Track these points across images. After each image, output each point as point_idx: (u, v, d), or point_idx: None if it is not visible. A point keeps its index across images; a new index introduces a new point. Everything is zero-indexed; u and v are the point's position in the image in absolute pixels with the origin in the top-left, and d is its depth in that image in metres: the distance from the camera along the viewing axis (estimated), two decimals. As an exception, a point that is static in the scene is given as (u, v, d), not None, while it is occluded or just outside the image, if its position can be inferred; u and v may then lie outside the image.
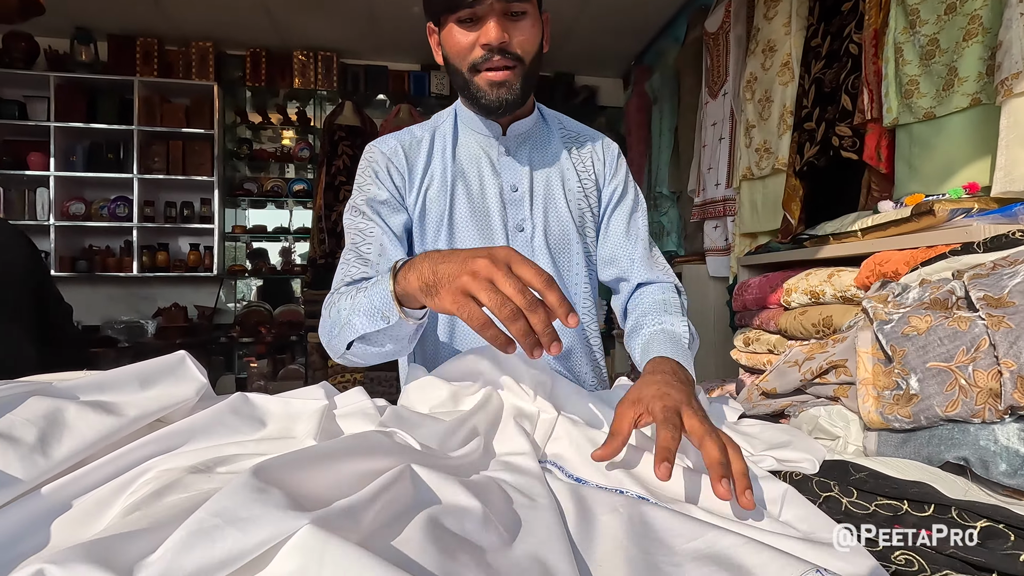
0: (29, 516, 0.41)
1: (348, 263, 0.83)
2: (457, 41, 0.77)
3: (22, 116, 3.51)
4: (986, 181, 1.39)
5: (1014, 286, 0.61)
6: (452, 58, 0.80)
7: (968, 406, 0.57)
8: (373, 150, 0.89)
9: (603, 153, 0.98)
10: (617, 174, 0.97)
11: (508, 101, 0.79)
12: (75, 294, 3.64)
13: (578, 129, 0.99)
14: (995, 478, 0.55)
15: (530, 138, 0.92)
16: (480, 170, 0.90)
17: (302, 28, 3.62)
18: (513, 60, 0.77)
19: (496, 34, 0.74)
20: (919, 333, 0.63)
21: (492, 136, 0.89)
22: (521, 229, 0.91)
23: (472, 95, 0.81)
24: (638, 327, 0.86)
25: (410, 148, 0.90)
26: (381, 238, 0.84)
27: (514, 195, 0.90)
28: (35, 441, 0.44)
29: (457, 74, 0.81)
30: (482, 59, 0.77)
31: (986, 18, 1.37)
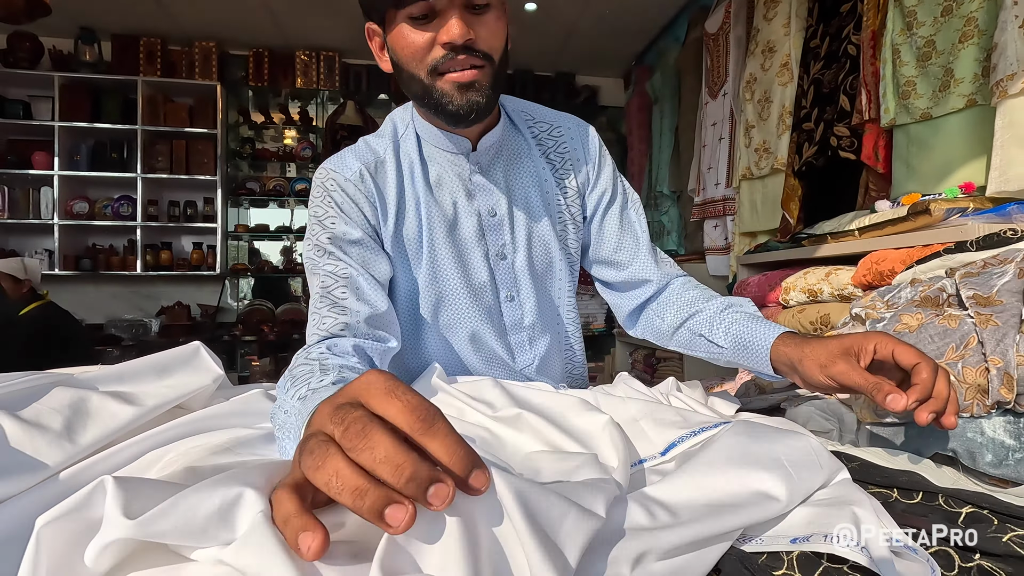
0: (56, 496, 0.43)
1: (320, 313, 0.70)
2: (411, 42, 0.66)
3: (27, 116, 3.54)
4: (982, 181, 1.41)
5: (1002, 285, 0.63)
6: (405, 62, 0.68)
7: (958, 401, 0.60)
8: (333, 177, 0.75)
9: (581, 146, 0.87)
10: (602, 171, 0.87)
11: (479, 105, 0.68)
12: (78, 293, 3.67)
13: (549, 118, 0.87)
14: (982, 468, 0.57)
15: (503, 150, 0.81)
16: (454, 196, 0.79)
17: (304, 28, 3.65)
18: (481, 59, 0.66)
19: (460, 30, 0.63)
20: (911, 331, 0.65)
21: (461, 153, 0.77)
22: (503, 257, 0.82)
23: (435, 103, 0.68)
24: (701, 313, 0.78)
25: (376, 171, 0.77)
26: (356, 280, 0.72)
27: (492, 220, 0.80)
28: (61, 428, 0.47)
29: (413, 80, 0.69)
30: (444, 59, 0.65)
31: (982, 20, 1.39)
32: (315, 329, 0.69)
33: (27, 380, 0.55)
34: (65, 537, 0.28)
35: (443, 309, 0.81)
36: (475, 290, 0.81)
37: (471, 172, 0.78)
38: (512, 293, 0.83)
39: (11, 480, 0.43)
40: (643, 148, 3.71)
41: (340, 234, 0.73)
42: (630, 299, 0.89)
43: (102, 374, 0.56)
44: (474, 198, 0.79)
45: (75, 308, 2.86)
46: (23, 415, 0.47)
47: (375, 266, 0.74)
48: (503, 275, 0.83)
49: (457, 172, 0.78)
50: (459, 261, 0.80)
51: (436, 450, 0.29)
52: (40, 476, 0.45)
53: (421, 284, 0.80)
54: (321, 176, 0.76)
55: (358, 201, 0.74)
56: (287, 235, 4.24)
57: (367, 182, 0.75)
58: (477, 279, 0.81)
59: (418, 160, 0.78)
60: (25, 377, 0.56)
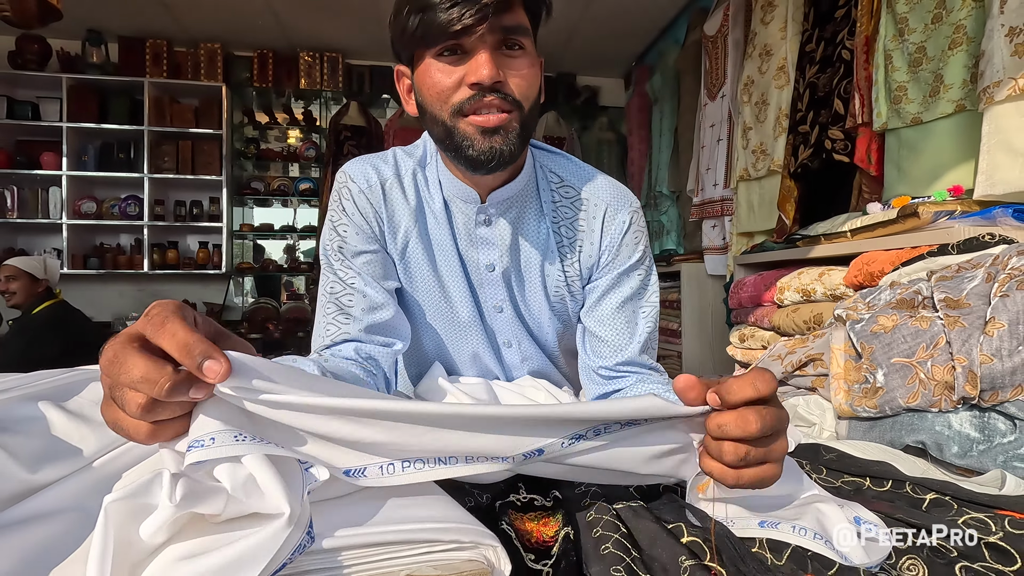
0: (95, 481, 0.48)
1: (328, 317, 0.72)
2: (437, 80, 0.62)
3: (35, 117, 3.59)
4: (970, 184, 1.45)
5: (971, 288, 0.68)
6: (430, 102, 0.64)
7: (927, 397, 0.64)
8: (348, 185, 0.74)
9: (599, 228, 0.77)
10: (617, 257, 0.78)
11: (502, 154, 0.63)
12: (86, 291, 3.73)
13: (579, 185, 0.78)
14: (948, 459, 0.61)
15: (514, 206, 0.75)
16: (459, 241, 0.77)
17: (308, 29, 3.69)
18: (510, 103, 0.62)
19: (490, 70, 0.59)
20: (885, 331, 0.70)
21: (469, 202, 0.73)
22: (500, 310, 0.80)
23: (455, 145, 0.64)
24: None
25: (392, 189, 0.75)
26: (364, 290, 0.72)
27: (489, 275, 0.77)
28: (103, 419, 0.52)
29: (435, 123, 0.65)
30: (470, 100, 0.61)
31: (970, 28, 1.43)
32: (321, 333, 0.72)
33: (66, 376, 0.59)
34: (125, 514, 0.33)
35: (444, 336, 0.83)
36: (474, 330, 0.81)
37: (476, 224, 0.74)
38: (509, 340, 0.83)
39: (57, 465, 0.48)
40: (643, 148, 3.75)
41: (350, 243, 0.73)
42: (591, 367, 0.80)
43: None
44: (476, 248, 0.76)
45: (83, 306, 2.91)
46: (67, 407, 0.51)
47: (383, 276, 0.74)
48: (500, 325, 0.81)
49: (464, 219, 0.75)
50: (456, 303, 0.79)
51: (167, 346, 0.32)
52: (81, 463, 0.50)
53: (422, 308, 0.81)
54: (340, 180, 0.75)
55: (367, 214, 0.73)
56: (291, 234, 4.29)
57: (379, 197, 0.74)
58: (476, 323, 0.81)
59: (438, 192, 0.75)
60: (65, 373, 0.60)
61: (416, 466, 0.38)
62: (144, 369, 0.32)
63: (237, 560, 0.28)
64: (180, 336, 0.32)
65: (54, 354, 2.49)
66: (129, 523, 0.32)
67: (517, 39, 0.62)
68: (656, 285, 0.80)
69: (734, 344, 1.95)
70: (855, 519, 0.44)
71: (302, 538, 0.30)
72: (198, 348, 0.32)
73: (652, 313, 0.78)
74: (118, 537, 0.31)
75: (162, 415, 0.34)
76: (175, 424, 0.35)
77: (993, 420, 0.61)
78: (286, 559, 0.29)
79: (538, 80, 0.66)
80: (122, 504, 0.32)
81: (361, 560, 0.32)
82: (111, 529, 0.31)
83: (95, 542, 0.30)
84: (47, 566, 0.36)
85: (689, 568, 0.40)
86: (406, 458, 0.38)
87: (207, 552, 0.29)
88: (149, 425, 0.34)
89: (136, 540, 0.32)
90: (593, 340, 0.78)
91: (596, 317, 0.78)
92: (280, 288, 4.41)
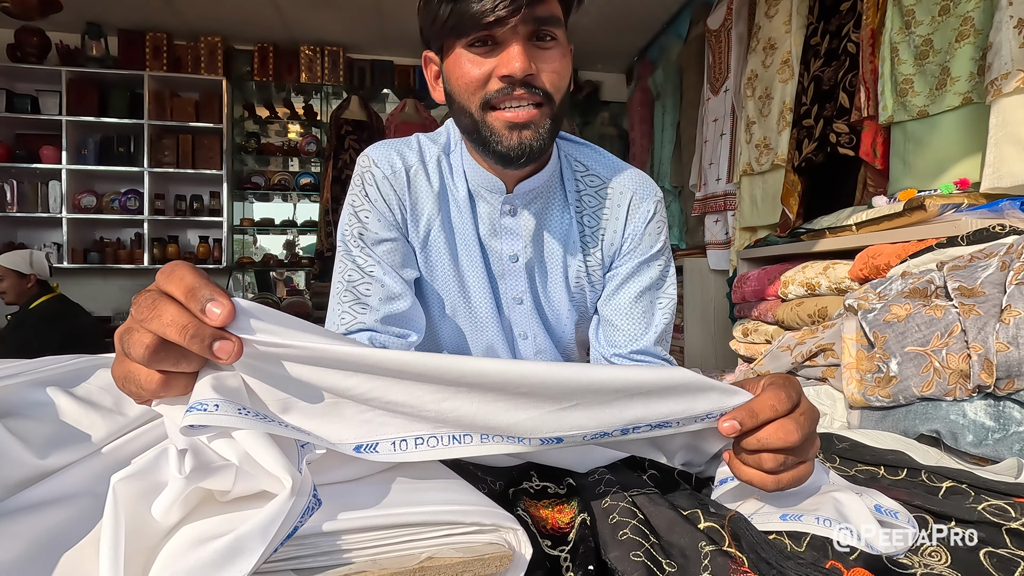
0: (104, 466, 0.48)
1: (344, 306, 0.70)
2: (467, 72, 0.61)
3: (35, 110, 3.57)
4: (976, 177, 1.44)
5: (986, 277, 0.67)
6: (458, 93, 0.63)
7: (941, 386, 0.64)
8: (372, 171, 0.73)
9: (624, 215, 0.77)
10: (639, 246, 0.78)
11: (532, 148, 0.62)
12: (87, 285, 3.72)
13: (604, 173, 0.78)
14: (963, 448, 0.61)
15: (539, 196, 0.74)
16: (481, 230, 0.76)
17: (309, 23, 3.67)
18: (541, 96, 0.61)
19: (522, 63, 0.58)
20: (899, 320, 0.69)
21: (494, 192, 0.73)
22: (520, 302, 0.79)
23: (483, 140, 0.63)
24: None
25: (416, 176, 0.74)
26: (382, 279, 0.71)
27: (513, 266, 0.77)
28: (112, 404, 0.51)
29: (463, 113, 0.64)
30: (499, 92, 0.60)
31: (978, 20, 1.42)
32: (335, 321, 0.71)
33: (72, 363, 0.59)
34: (135, 492, 0.32)
35: (461, 326, 0.82)
36: (491, 321, 0.81)
37: (501, 214, 0.74)
38: (526, 332, 0.83)
39: (66, 451, 0.47)
40: (645, 143, 3.74)
41: (372, 230, 0.72)
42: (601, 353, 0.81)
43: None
44: (499, 239, 0.76)
45: (83, 301, 2.90)
46: (76, 393, 0.51)
47: (402, 265, 0.73)
48: (518, 316, 0.81)
49: (488, 209, 0.74)
50: (474, 293, 0.78)
51: (174, 290, 0.32)
52: (90, 448, 0.49)
53: (441, 298, 0.80)
54: (364, 165, 0.73)
55: (390, 201, 0.72)
56: (291, 229, 4.28)
57: (403, 184, 0.73)
58: (493, 315, 0.80)
59: (463, 181, 0.74)
60: (73, 359, 0.60)
61: (430, 443, 0.37)
62: (174, 313, 0.31)
63: (248, 535, 0.27)
64: (188, 280, 0.32)
65: (52, 349, 2.47)
66: (139, 503, 0.31)
67: (550, 30, 0.61)
68: (674, 277, 0.80)
69: (737, 338, 1.95)
70: (876, 507, 0.44)
71: (308, 501, 0.30)
72: (204, 291, 0.31)
73: (669, 305, 0.78)
74: (130, 519, 0.30)
75: (169, 363, 0.32)
76: (186, 379, 0.34)
77: (1009, 409, 0.60)
78: (296, 523, 0.29)
79: (569, 70, 0.64)
80: (130, 482, 0.31)
81: (382, 541, 0.31)
82: (121, 509, 0.30)
83: (105, 524, 0.29)
84: (58, 551, 0.36)
85: (710, 553, 0.40)
86: (419, 434, 0.37)
87: (218, 532, 0.29)
88: (160, 376, 0.33)
89: (149, 521, 0.32)
90: (609, 328, 0.78)
91: (613, 305, 0.77)
92: (279, 283, 4.40)
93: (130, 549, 0.29)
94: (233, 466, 0.32)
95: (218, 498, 0.34)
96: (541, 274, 0.78)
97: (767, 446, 0.40)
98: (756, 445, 0.41)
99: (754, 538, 0.42)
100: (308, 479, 0.32)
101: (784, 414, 0.41)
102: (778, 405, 0.41)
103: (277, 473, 0.31)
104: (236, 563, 0.26)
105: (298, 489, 0.30)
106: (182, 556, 0.28)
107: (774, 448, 0.40)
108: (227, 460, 0.32)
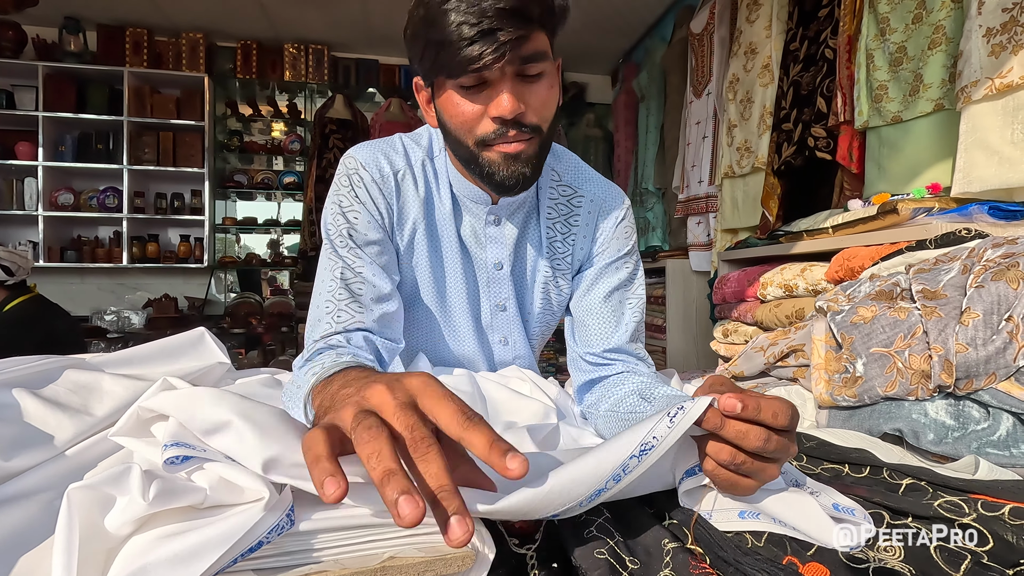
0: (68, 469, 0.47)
1: (340, 304, 0.70)
2: (460, 111, 0.64)
3: (10, 105, 3.50)
4: (948, 182, 1.48)
5: (948, 280, 0.69)
6: (454, 128, 0.66)
7: (904, 386, 0.65)
8: (360, 173, 0.73)
9: (594, 222, 0.81)
10: (607, 250, 0.81)
11: (524, 176, 0.66)
12: (64, 285, 3.65)
13: (576, 183, 0.81)
14: (924, 446, 0.62)
15: (523, 206, 0.78)
16: (467, 239, 0.79)
17: (293, 21, 3.64)
18: (529, 132, 0.64)
19: (511, 105, 0.61)
20: (865, 322, 0.71)
21: (479, 203, 0.76)
22: (503, 309, 0.82)
23: (480, 170, 0.66)
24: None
25: (403, 180, 0.75)
26: (373, 280, 0.71)
27: (497, 274, 0.80)
28: (79, 405, 0.51)
29: (460, 145, 0.67)
30: (495, 134, 0.63)
31: (949, 28, 1.46)
32: (330, 319, 0.69)
33: (40, 364, 0.58)
34: (90, 503, 0.32)
35: (440, 331, 0.82)
36: (471, 327, 0.82)
37: (486, 223, 0.77)
38: (506, 337, 0.85)
39: (32, 452, 0.47)
40: (629, 145, 3.77)
41: (361, 231, 0.72)
42: (584, 376, 0.81)
43: (111, 358, 0.60)
44: (483, 247, 0.78)
45: (60, 300, 2.82)
46: (42, 394, 0.50)
47: (390, 266, 0.75)
48: (500, 323, 0.83)
49: (472, 219, 0.77)
50: (455, 299, 0.80)
51: (475, 441, 0.32)
52: (56, 450, 0.49)
53: (421, 302, 0.81)
54: (350, 166, 0.74)
55: (379, 204, 0.73)
56: (274, 228, 4.24)
57: (392, 189, 0.74)
58: (474, 321, 0.81)
59: (448, 189, 0.76)
60: (38, 361, 0.59)
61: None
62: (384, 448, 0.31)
63: (207, 541, 0.27)
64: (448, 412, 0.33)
65: (26, 353, 2.39)
66: (95, 512, 0.31)
67: (536, 66, 0.62)
68: (642, 279, 0.82)
69: (717, 339, 1.97)
70: (834, 505, 0.45)
71: (280, 519, 0.30)
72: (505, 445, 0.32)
73: (639, 304, 0.81)
74: (85, 526, 0.30)
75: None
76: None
77: (968, 408, 0.62)
78: (262, 537, 0.29)
79: (556, 95, 0.67)
80: (86, 493, 0.31)
81: (345, 541, 0.32)
82: (75, 517, 0.30)
83: (59, 531, 0.29)
84: (18, 552, 0.35)
85: (672, 550, 0.41)
86: None
87: (185, 532, 0.29)
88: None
89: (104, 529, 0.32)
90: (581, 328, 0.80)
91: (585, 306, 0.80)
92: (262, 283, 4.36)
93: (88, 551, 0.29)
94: (202, 491, 0.32)
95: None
96: (521, 280, 0.81)
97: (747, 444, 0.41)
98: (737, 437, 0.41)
99: (712, 537, 0.43)
100: (287, 499, 0.32)
101: (781, 429, 0.42)
102: (781, 417, 0.41)
103: (254, 485, 0.31)
104: (191, 565, 0.26)
105: (272, 505, 0.30)
106: (142, 553, 0.28)
107: (754, 449, 0.41)
108: (197, 485, 0.32)
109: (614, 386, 0.73)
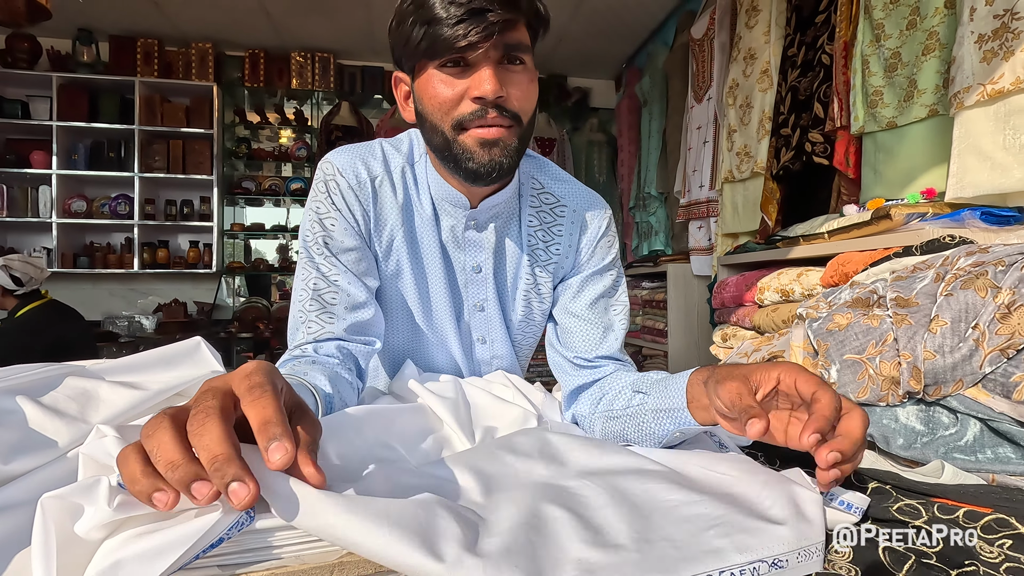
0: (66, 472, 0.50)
1: (310, 315, 0.71)
2: (439, 92, 0.63)
3: (25, 115, 3.59)
4: (942, 187, 1.48)
5: (921, 288, 0.70)
6: (430, 112, 0.65)
7: (875, 392, 0.67)
8: (336, 180, 0.73)
9: (578, 232, 0.82)
10: (591, 259, 0.82)
11: (501, 166, 0.65)
12: (76, 290, 3.73)
13: (559, 192, 0.82)
14: (894, 451, 0.64)
15: (501, 212, 0.78)
16: (446, 243, 0.79)
17: (300, 30, 3.70)
18: (509, 119, 0.64)
19: (493, 85, 0.60)
20: (840, 329, 0.72)
21: (459, 207, 0.75)
22: (482, 309, 0.83)
23: (455, 157, 0.65)
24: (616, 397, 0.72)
25: (381, 186, 0.75)
26: (347, 288, 0.72)
27: (476, 276, 0.80)
28: (77, 412, 0.53)
29: (435, 132, 0.66)
30: (472, 115, 0.62)
31: (943, 34, 1.47)
32: (302, 329, 0.72)
33: (42, 371, 0.61)
34: (61, 511, 0.34)
35: (419, 332, 0.84)
36: (451, 327, 0.83)
37: (465, 227, 0.77)
38: (484, 337, 0.86)
39: (30, 457, 0.50)
40: (632, 150, 3.78)
41: (337, 238, 0.72)
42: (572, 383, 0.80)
43: (110, 366, 0.63)
44: (463, 251, 0.79)
45: (73, 305, 2.89)
46: (43, 401, 0.53)
47: (366, 274, 0.75)
48: (478, 323, 0.84)
49: (452, 223, 0.77)
50: (436, 301, 0.81)
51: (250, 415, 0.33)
52: (53, 454, 0.52)
53: (402, 305, 0.82)
54: (327, 172, 0.73)
55: (355, 211, 0.73)
56: (282, 234, 4.30)
57: (368, 195, 0.74)
58: (453, 321, 0.83)
59: (427, 194, 0.76)
60: (39, 368, 0.62)
61: None
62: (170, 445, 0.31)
63: (179, 537, 0.30)
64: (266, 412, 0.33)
65: (36, 359, 2.41)
66: (66, 520, 0.33)
67: (519, 55, 0.63)
68: (625, 288, 0.84)
69: (717, 343, 1.98)
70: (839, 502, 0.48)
71: (240, 516, 0.32)
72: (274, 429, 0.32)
73: (623, 311, 0.83)
74: (60, 533, 0.32)
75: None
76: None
77: (937, 414, 0.63)
78: (223, 534, 0.31)
79: (535, 94, 0.67)
80: (57, 502, 0.32)
81: (304, 538, 0.34)
82: (51, 524, 0.31)
83: (35, 538, 0.31)
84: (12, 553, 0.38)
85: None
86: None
87: (152, 532, 0.31)
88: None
89: (76, 535, 0.34)
90: (567, 335, 0.81)
91: (571, 313, 0.81)
92: (271, 287, 4.42)
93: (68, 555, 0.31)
94: None
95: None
96: (500, 283, 0.82)
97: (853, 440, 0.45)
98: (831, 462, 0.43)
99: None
100: None
101: (840, 406, 0.46)
102: (833, 399, 0.45)
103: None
104: (156, 561, 0.29)
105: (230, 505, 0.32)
106: (115, 551, 0.31)
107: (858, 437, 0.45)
108: None
109: (608, 384, 0.75)
